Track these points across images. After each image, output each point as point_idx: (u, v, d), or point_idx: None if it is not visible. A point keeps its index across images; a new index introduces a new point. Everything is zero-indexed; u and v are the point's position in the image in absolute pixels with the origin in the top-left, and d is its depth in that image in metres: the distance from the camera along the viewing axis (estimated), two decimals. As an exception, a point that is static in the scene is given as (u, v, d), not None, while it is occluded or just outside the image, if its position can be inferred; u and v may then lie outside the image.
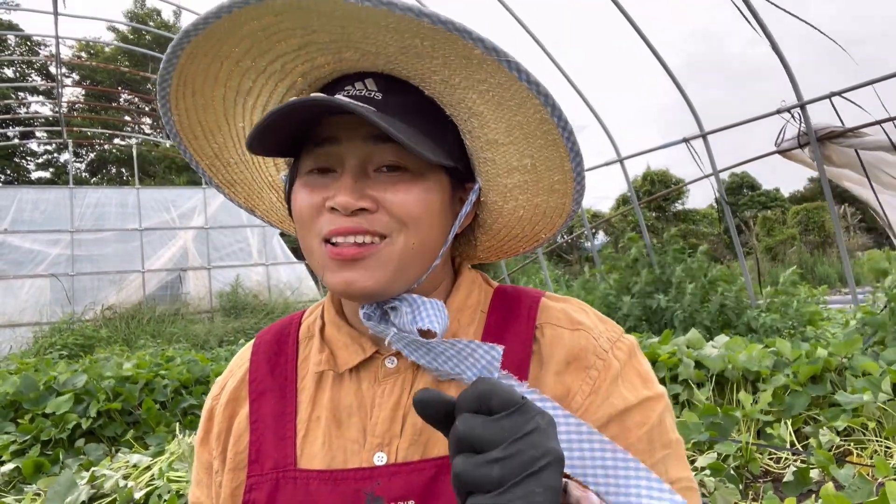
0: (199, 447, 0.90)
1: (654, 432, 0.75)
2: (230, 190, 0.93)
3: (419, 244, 0.74)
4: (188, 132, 0.83)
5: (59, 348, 9.81)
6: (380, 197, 0.72)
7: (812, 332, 5.58)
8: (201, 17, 0.68)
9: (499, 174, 0.81)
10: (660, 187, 27.26)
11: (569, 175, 0.77)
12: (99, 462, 3.74)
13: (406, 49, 0.70)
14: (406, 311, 0.73)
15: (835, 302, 10.49)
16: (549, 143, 0.74)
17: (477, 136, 0.78)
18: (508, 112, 0.73)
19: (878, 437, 2.98)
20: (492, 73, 0.69)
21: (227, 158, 0.88)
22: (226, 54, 0.73)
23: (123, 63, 26.43)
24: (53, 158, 28.70)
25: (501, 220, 0.87)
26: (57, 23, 9.47)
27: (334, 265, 0.72)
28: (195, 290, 14.05)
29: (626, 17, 6.15)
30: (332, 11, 0.66)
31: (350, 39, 0.71)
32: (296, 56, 0.75)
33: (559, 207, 0.83)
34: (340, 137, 0.73)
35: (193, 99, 0.79)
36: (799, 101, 4.75)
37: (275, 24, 0.69)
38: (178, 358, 6.40)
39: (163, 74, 0.75)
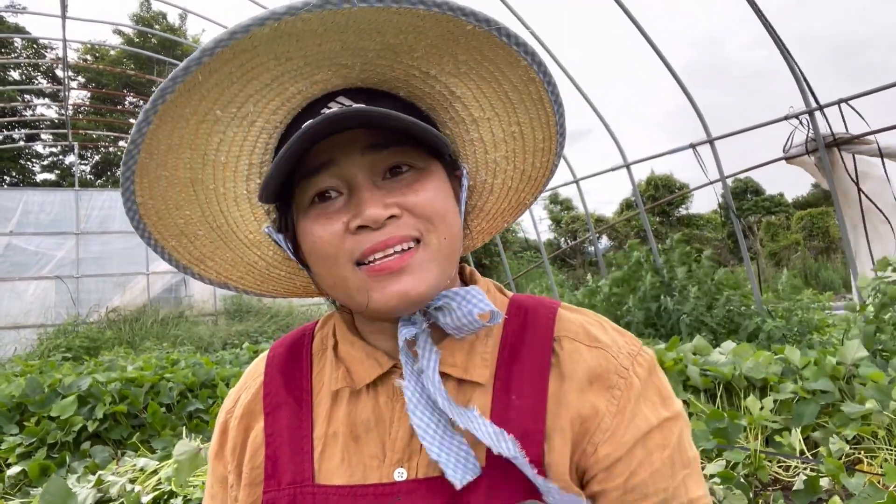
0: (213, 460, 0.89)
1: (675, 454, 0.75)
2: (199, 267, 0.86)
3: (449, 237, 0.74)
4: (151, 213, 0.77)
5: (63, 350, 9.83)
6: (401, 201, 0.71)
7: (818, 338, 5.56)
8: (181, 67, 0.63)
9: (486, 150, 0.83)
10: (664, 192, 27.23)
11: (553, 130, 0.81)
12: (105, 465, 3.74)
13: (384, 50, 0.70)
14: (455, 305, 0.73)
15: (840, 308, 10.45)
16: (534, 102, 0.78)
17: (460, 120, 0.80)
18: (493, 84, 0.76)
19: (889, 446, 2.96)
20: (477, 49, 0.71)
21: (193, 232, 0.81)
22: (191, 112, 0.68)
23: (129, 66, 26.52)
24: (59, 161, 28.80)
25: (492, 198, 0.89)
26: (64, 26, 9.51)
27: (380, 282, 0.71)
28: (199, 292, 14.08)
29: (634, 22, 6.15)
30: (316, 28, 0.64)
31: (325, 57, 0.69)
32: (268, 91, 0.71)
33: (543, 166, 0.86)
34: (336, 158, 0.72)
35: (157, 172, 0.73)
36: (808, 107, 4.74)
37: (248, 60, 0.66)
38: (182, 361, 6.40)
39: (130, 150, 0.69)
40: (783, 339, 5.38)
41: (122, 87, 26.73)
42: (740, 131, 5.65)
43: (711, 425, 3.26)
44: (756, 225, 27.97)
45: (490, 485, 0.71)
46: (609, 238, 27.77)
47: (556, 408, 0.75)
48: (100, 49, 26.46)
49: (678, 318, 5.93)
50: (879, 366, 3.68)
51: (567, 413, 0.74)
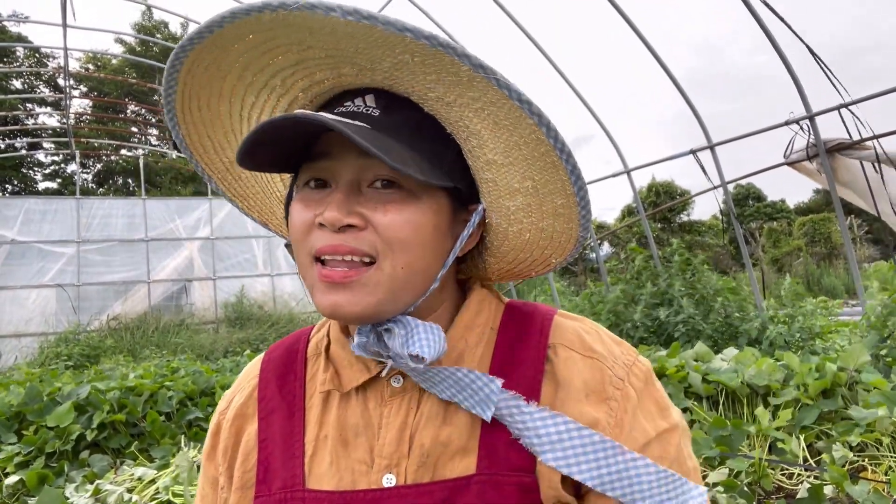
0: (205, 461, 0.89)
1: (674, 466, 0.74)
2: (243, 203, 0.93)
3: (408, 268, 0.72)
4: (198, 146, 0.83)
5: (64, 358, 9.81)
6: (369, 215, 0.70)
7: (821, 345, 5.53)
8: (194, 31, 0.67)
9: (501, 196, 0.78)
10: (665, 198, 27.23)
11: (571, 199, 0.74)
12: (103, 474, 3.72)
13: (399, 65, 0.68)
14: (400, 333, 0.72)
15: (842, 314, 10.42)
16: (547, 165, 0.72)
17: (477, 156, 0.76)
18: (505, 131, 0.71)
19: (893, 453, 2.94)
20: (483, 91, 0.67)
21: (237, 173, 0.88)
22: (227, 69, 0.73)
23: (131, 75, 26.65)
24: (60, 169, 28.88)
25: (508, 244, 0.84)
26: (66, 35, 9.55)
27: (323, 287, 0.71)
28: (200, 300, 14.07)
29: (634, 28, 6.16)
30: (321, 28, 0.65)
31: (344, 55, 0.70)
32: (294, 71, 0.74)
33: (566, 232, 0.80)
34: (333, 152, 0.72)
35: (200, 113, 0.79)
36: (808, 112, 4.73)
37: (270, 38, 0.68)
38: (182, 369, 6.38)
39: (166, 89, 0.75)
40: (786, 346, 5.36)
41: (123, 96, 26.86)
42: (741, 137, 5.64)
43: (714, 433, 3.23)
44: (758, 231, 27.96)
45: (481, 488, 0.71)
46: (610, 244, 27.76)
47: None
48: (101, 58, 26.58)
49: (675, 327, 5.91)
50: (882, 372, 3.66)
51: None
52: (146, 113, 26.89)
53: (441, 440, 0.74)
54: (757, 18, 4.78)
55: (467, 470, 0.72)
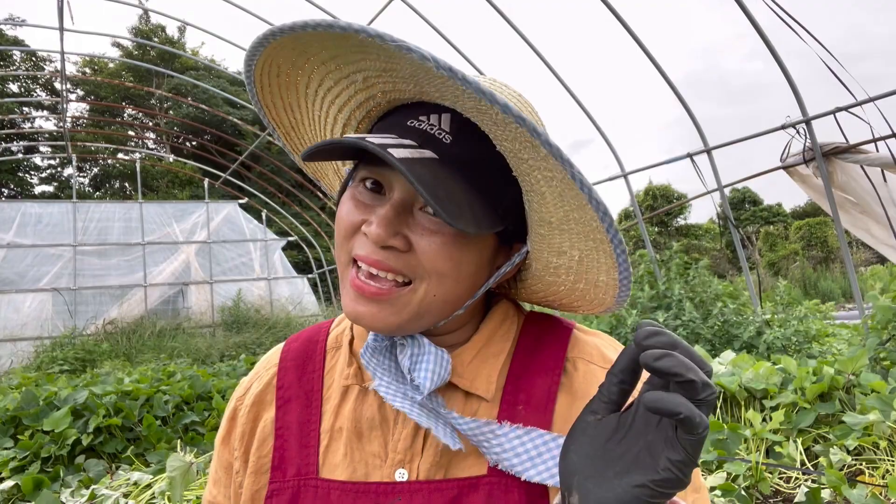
0: (219, 446, 0.91)
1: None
2: (302, 161, 0.93)
3: (441, 297, 0.73)
4: (269, 104, 0.84)
5: (60, 363, 9.77)
6: (415, 240, 0.70)
7: (818, 348, 5.53)
8: (287, 25, 0.66)
9: (548, 251, 0.78)
10: (662, 202, 27.28)
11: (612, 281, 0.74)
12: (99, 479, 3.71)
13: (479, 112, 0.67)
14: (408, 354, 0.75)
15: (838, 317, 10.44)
16: (600, 250, 0.71)
17: (535, 210, 0.74)
18: (567, 206, 0.69)
19: (890, 457, 2.94)
20: (556, 168, 0.64)
21: (302, 132, 0.89)
22: (313, 52, 0.73)
23: (128, 78, 26.62)
24: (57, 173, 28.84)
25: (541, 287, 0.85)
26: (63, 38, 9.54)
27: (352, 293, 0.72)
28: (197, 304, 14.03)
29: (632, 34, 6.18)
30: (412, 62, 0.63)
31: (428, 80, 0.68)
32: (378, 75, 0.73)
33: (598, 300, 0.80)
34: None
35: (278, 80, 0.79)
36: (804, 116, 4.75)
37: (361, 42, 0.66)
38: (179, 373, 6.36)
39: (249, 58, 0.75)
40: (783, 349, 5.36)
41: (120, 100, 26.82)
42: (737, 141, 5.65)
43: (712, 437, 3.23)
44: (754, 235, 28.01)
45: (490, 490, 0.72)
46: (607, 248, 27.76)
47: (564, 426, 0.75)
48: (98, 62, 26.57)
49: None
50: (880, 375, 3.66)
51: None
52: (143, 117, 26.86)
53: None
54: (755, 24, 4.80)
55: (479, 471, 0.74)
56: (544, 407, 0.76)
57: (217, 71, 24.21)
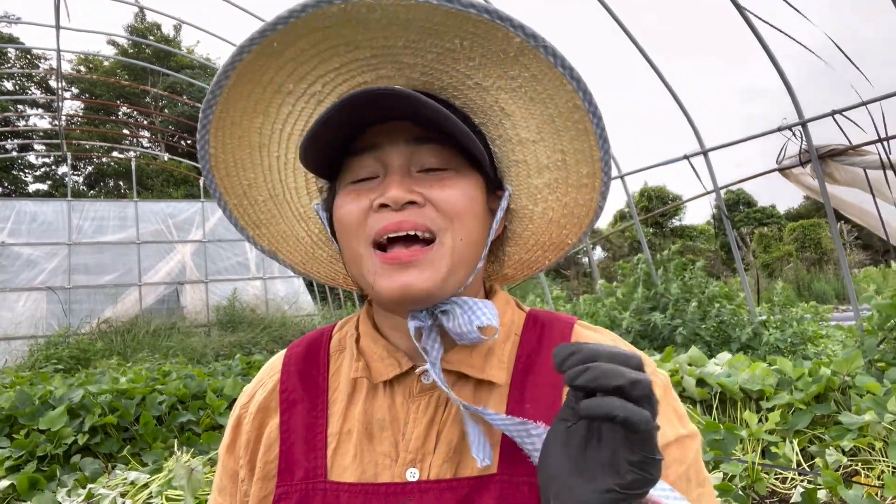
0: (224, 455, 0.90)
1: (691, 471, 0.76)
2: (255, 232, 0.93)
3: (466, 240, 0.75)
4: (221, 167, 0.85)
5: (54, 362, 9.72)
6: (427, 193, 0.74)
7: (813, 350, 5.56)
8: (257, 31, 0.70)
9: (529, 175, 0.83)
10: (657, 203, 27.35)
11: (597, 165, 0.80)
12: (95, 478, 3.69)
13: (444, 54, 0.73)
14: (459, 312, 0.75)
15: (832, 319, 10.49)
16: (579, 132, 0.77)
17: (508, 138, 0.81)
18: (540, 105, 0.76)
19: (886, 457, 2.95)
20: (526, 66, 0.72)
21: (254, 196, 0.89)
22: (268, 80, 0.76)
23: (123, 77, 26.53)
24: (51, 171, 28.72)
25: (531, 226, 0.88)
26: (59, 36, 9.50)
27: (388, 270, 0.73)
28: (192, 303, 13.99)
29: (627, 33, 6.19)
30: (380, 19, 0.68)
31: (390, 52, 0.74)
32: (336, 75, 0.77)
33: (586, 204, 0.85)
34: (382, 143, 0.76)
35: (231, 129, 0.81)
36: (801, 118, 4.77)
37: (321, 40, 0.72)
38: (174, 373, 6.34)
39: (209, 99, 0.77)
40: (778, 350, 5.38)
41: (115, 98, 26.74)
42: (734, 143, 5.67)
43: (707, 437, 3.24)
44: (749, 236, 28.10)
45: (501, 488, 0.72)
46: (602, 249, 27.83)
47: None
48: (94, 60, 26.46)
49: (671, 332, 5.94)
50: (874, 377, 3.68)
51: None
52: (138, 115, 26.77)
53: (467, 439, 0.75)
54: (752, 27, 4.82)
55: (489, 469, 0.74)
56: (552, 406, 0.76)
57: (212, 69, 24.13)
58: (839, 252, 4.99)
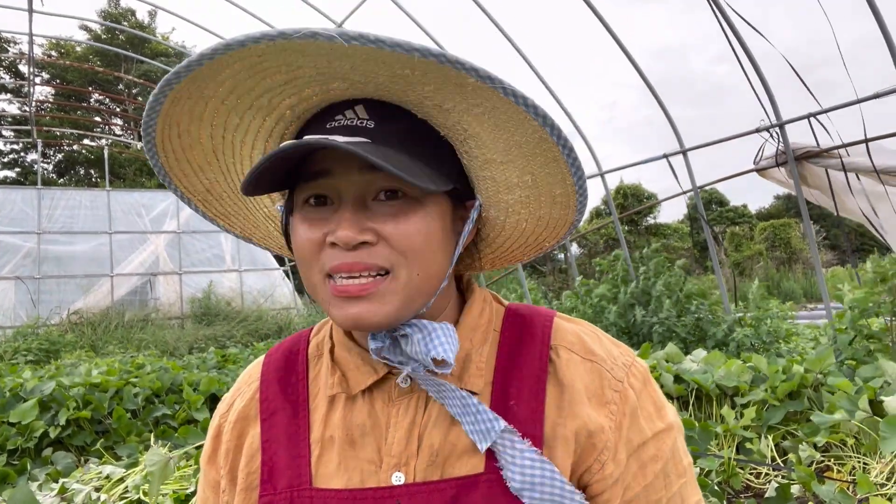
0: (205, 465, 0.89)
1: (669, 466, 0.77)
2: (226, 222, 0.92)
3: (423, 274, 0.73)
4: (177, 171, 0.82)
5: (23, 353, 9.52)
6: (380, 229, 0.71)
7: (786, 347, 5.67)
8: (183, 65, 0.66)
9: (499, 191, 0.81)
10: (632, 201, 27.62)
11: (570, 188, 0.77)
12: (68, 472, 3.62)
13: (395, 78, 0.69)
14: (418, 338, 0.73)
15: (801, 317, 10.72)
16: (549, 160, 0.74)
17: (474, 156, 0.78)
18: (506, 133, 0.72)
19: (857, 454, 3.03)
20: (486, 98, 0.68)
21: (219, 192, 0.87)
22: (210, 94, 0.72)
23: (95, 63, 25.96)
24: (20, 158, 28.02)
25: (504, 234, 0.87)
26: (31, 20, 9.27)
27: (339, 301, 0.71)
28: (166, 295, 13.80)
29: (611, 33, 6.23)
30: (317, 51, 0.64)
31: (337, 72, 0.69)
32: (282, 91, 0.73)
33: (562, 218, 0.83)
34: (334, 170, 0.72)
35: (180, 140, 0.78)
36: (778, 120, 4.85)
37: (258, 63, 0.67)
38: (148, 365, 6.25)
39: (147, 121, 0.73)
40: (752, 348, 5.48)
41: (87, 84, 26.15)
42: (713, 142, 5.76)
43: (684, 434, 3.29)
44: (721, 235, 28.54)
45: (489, 488, 0.72)
46: (579, 245, 28.04)
47: (558, 416, 0.76)
48: (65, 45, 25.85)
49: (650, 328, 6.02)
50: (846, 374, 3.77)
51: (573, 423, 0.75)
52: (110, 102, 26.25)
53: (450, 440, 0.75)
54: (732, 28, 4.88)
55: (475, 469, 0.73)
56: (535, 399, 0.76)
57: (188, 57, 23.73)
58: (812, 251, 5.10)
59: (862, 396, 3.17)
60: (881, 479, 2.80)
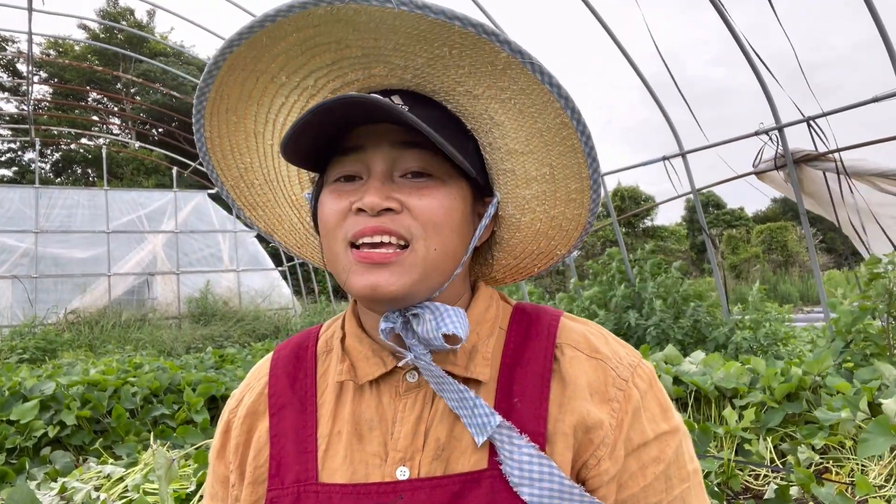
0: (214, 460, 0.89)
1: (671, 469, 0.77)
2: (252, 213, 0.94)
3: (441, 250, 0.75)
4: (217, 150, 0.85)
5: (19, 352, 9.50)
6: (405, 200, 0.74)
7: (784, 350, 5.69)
8: (245, 27, 0.70)
9: (517, 185, 0.83)
10: (630, 203, 27.67)
11: (585, 183, 0.80)
12: (67, 472, 3.62)
13: (434, 60, 0.73)
14: (429, 317, 0.75)
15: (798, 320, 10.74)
16: (567, 149, 0.77)
17: (497, 147, 0.81)
18: (529, 119, 0.76)
19: (855, 455, 3.04)
20: (515, 80, 0.72)
21: (251, 180, 0.90)
22: (262, 70, 0.76)
23: (94, 62, 25.92)
24: (17, 157, 27.96)
25: (519, 235, 0.89)
26: (31, 19, 9.25)
27: (360, 268, 0.73)
28: (163, 295, 13.78)
29: (611, 35, 6.25)
30: (368, 22, 0.68)
31: (381, 53, 0.74)
32: (328, 71, 0.78)
33: (575, 219, 0.85)
34: (367, 145, 0.76)
35: (227, 116, 0.82)
36: (777, 123, 4.87)
37: (311, 37, 0.72)
38: (146, 365, 6.24)
39: (202, 87, 0.77)
40: (750, 350, 5.50)
41: (86, 83, 26.12)
42: (713, 145, 5.77)
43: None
44: (718, 238, 28.60)
45: (491, 485, 0.73)
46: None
47: (559, 412, 0.76)
48: (64, 44, 25.81)
49: (645, 330, 6.02)
50: (844, 377, 3.78)
51: (571, 418, 0.76)
52: (108, 101, 26.20)
53: (455, 435, 0.76)
54: (732, 32, 4.90)
55: (479, 465, 0.74)
56: (539, 396, 0.77)
57: (186, 57, 23.72)
58: (811, 254, 5.11)
59: (861, 398, 3.19)
60: (880, 481, 2.81)
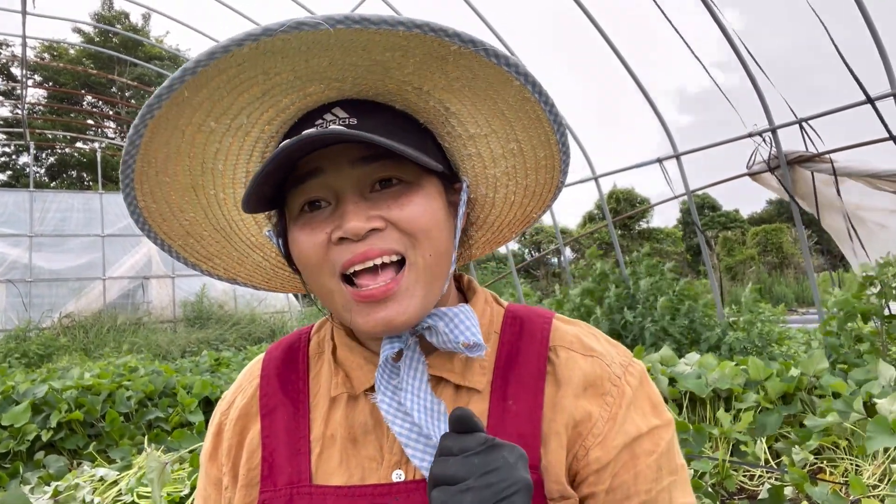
0: (206, 463, 0.89)
1: (663, 459, 0.77)
2: (208, 265, 0.90)
3: (435, 253, 0.74)
4: (156, 215, 0.80)
5: (15, 356, 9.46)
6: (386, 215, 0.71)
7: (779, 351, 5.70)
8: (164, 86, 0.64)
9: (485, 166, 0.83)
10: (625, 205, 27.71)
11: (555, 149, 0.79)
12: (60, 476, 3.60)
13: (373, 66, 0.70)
14: (442, 327, 0.74)
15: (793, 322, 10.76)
16: (532, 121, 0.76)
17: (457, 135, 0.80)
18: (488, 101, 0.75)
19: (850, 455, 3.05)
20: (468, 68, 0.70)
21: (199, 233, 0.85)
22: (186, 122, 0.70)
23: (89, 65, 25.86)
24: (11, 161, 27.87)
25: (495, 211, 0.89)
26: (25, 22, 9.23)
27: (364, 308, 0.71)
28: (158, 298, 13.74)
29: (606, 38, 6.26)
30: (298, 47, 0.64)
31: (314, 72, 0.70)
32: (260, 104, 0.73)
33: (548, 183, 0.85)
34: (324, 167, 0.72)
35: (157, 178, 0.76)
36: (771, 125, 4.89)
37: (235, 76, 0.67)
38: (141, 369, 6.22)
39: (125, 159, 0.72)
40: (744, 351, 5.50)
41: (80, 87, 26.05)
42: (707, 147, 5.79)
43: (678, 436, 3.30)
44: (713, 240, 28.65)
45: None
46: (572, 250, 28.09)
47: (552, 413, 0.76)
48: (58, 47, 25.75)
49: (641, 329, 6.03)
50: (838, 377, 3.79)
51: (562, 417, 0.76)
52: (103, 105, 26.14)
53: None
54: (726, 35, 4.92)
55: None
56: (533, 398, 0.77)
57: (182, 60, 23.67)
58: (805, 256, 5.13)
59: (857, 398, 3.19)
60: (873, 481, 2.82)
